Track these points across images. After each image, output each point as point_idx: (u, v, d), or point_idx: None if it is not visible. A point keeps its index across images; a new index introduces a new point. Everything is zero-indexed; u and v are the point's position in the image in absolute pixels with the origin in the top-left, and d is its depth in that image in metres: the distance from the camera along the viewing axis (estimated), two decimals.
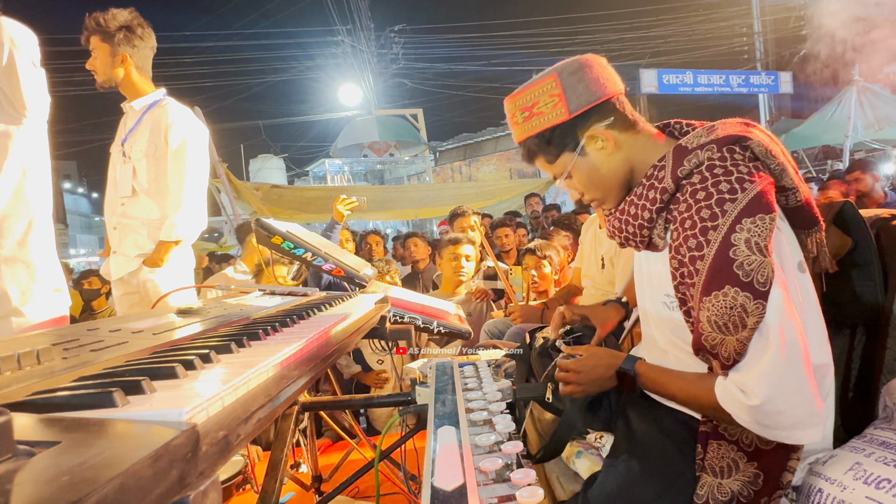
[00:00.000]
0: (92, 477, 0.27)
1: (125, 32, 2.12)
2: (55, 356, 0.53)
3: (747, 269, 0.80)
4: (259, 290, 1.42)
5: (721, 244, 0.82)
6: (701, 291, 0.84)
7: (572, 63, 0.99)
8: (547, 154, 1.03)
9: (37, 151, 1.62)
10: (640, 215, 0.97)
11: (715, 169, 0.87)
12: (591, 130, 0.98)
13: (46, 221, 1.65)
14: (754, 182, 0.85)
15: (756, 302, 0.79)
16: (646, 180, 0.97)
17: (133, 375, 0.45)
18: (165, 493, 0.32)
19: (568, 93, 0.97)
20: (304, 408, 1.35)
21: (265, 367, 0.55)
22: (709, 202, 0.85)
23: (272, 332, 0.75)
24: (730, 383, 0.83)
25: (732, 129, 0.93)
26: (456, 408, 0.81)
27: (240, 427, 0.44)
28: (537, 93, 0.99)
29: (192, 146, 2.14)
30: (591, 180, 1.03)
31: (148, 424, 0.36)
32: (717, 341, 0.83)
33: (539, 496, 0.50)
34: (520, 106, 1.02)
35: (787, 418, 0.80)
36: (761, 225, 0.81)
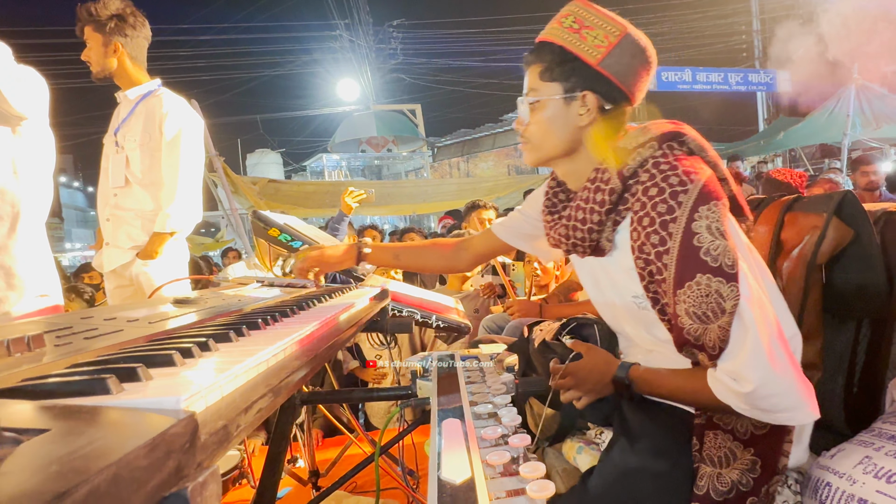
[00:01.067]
0: (82, 467, 0.25)
1: (116, 21, 2.09)
2: (47, 343, 0.50)
3: (714, 255, 0.82)
4: (257, 282, 1.40)
5: (684, 234, 0.84)
6: (674, 285, 0.85)
7: (642, 41, 0.97)
8: (548, 69, 0.99)
9: (31, 151, 1.58)
10: (588, 219, 0.97)
11: (661, 165, 0.89)
12: (592, 95, 0.96)
13: (35, 224, 1.60)
14: (698, 173, 0.88)
15: (730, 285, 0.81)
16: (590, 184, 0.97)
17: (128, 362, 0.43)
18: (162, 484, 0.30)
19: (615, 51, 0.94)
20: (303, 401, 1.33)
21: (265, 355, 0.53)
22: (663, 196, 0.86)
23: (272, 322, 0.73)
24: (721, 374, 0.84)
25: (665, 126, 0.96)
26: (460, 401, 0.79)
27: (240, 417, 0.42)
28: (602, 24, 0.95)
29: (187, 137, 2.11)
30: (547, 124, 1.00)
31: (143, 412, 0.34)
32: (700, 332, 0.84)
33: (549, 490, 0.48)
34: (580, 15, 0.97)
35: (785, 399, 0.80)
36: (716, 210, 0.84)
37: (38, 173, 1.60)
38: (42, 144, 1.62)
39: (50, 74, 1.82)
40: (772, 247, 1.23)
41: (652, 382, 0.97)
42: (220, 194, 8.50)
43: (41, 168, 1.62)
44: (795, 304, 1.15)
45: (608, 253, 0.99)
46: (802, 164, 11.42)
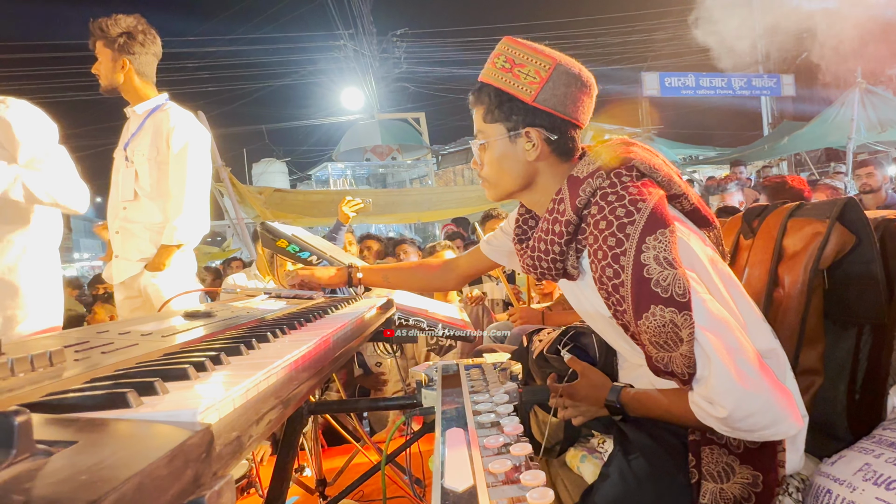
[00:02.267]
0: (110, 476, 0.27)
1: (126, 38, 2.13)
2: (67, 358, 0.53)
3: (664, 285, 0.82)
4: (265, 294, 1.42)
5: (633, 267, 0.84)
6: (633, 316, 0.86)
7: (574, 67, 0.99)
8: (488, 111, 1.01)
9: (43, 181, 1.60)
10: (550, 250, 0.98)
11: (608, 196, 0.90)
12: (535, 130, 0.98)
13: (46, 249, 1.63)
14: (646, 200, 0.88)
15: (683, 314, 0.81)
16: (548, 214, 0.99)
17: (145, 377, 0.45)
18: (181, 492, 0.32)
19: (548, 84, 0.96)
20: (310, 410, 1.35)
21: (274, 369, 0.55)
22: (611, 230, 0.87)
23: (280, 335, 0.75)
24: (697, 397, 0.85)
25: (616, 151, 0.96)
26: (463, 410, 0.81)
27: (251, 428, 0.44)
28: (532, 59, 0.97)
29: (194, 150, 2.14)
30: (498, 164, 1.02)
31: (162, 425, 0.36)
32: (667, 360, 0.85)
33: (549, 498, 0.50)
34: (510, 54, 0.99)
35: (763, 417, 0.81)
36: (663, 239, 0.84)
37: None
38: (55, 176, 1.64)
39: (60, 86, 1.86)
40: (774, 253, 1.24)
41: (643, 404, 0.98)
42: (227, 204, 8.56)
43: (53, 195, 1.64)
44: (798, 309, 1.16)
45: (578, 278, 1.00)
46: (807, 169, 11.38)
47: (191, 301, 2.17)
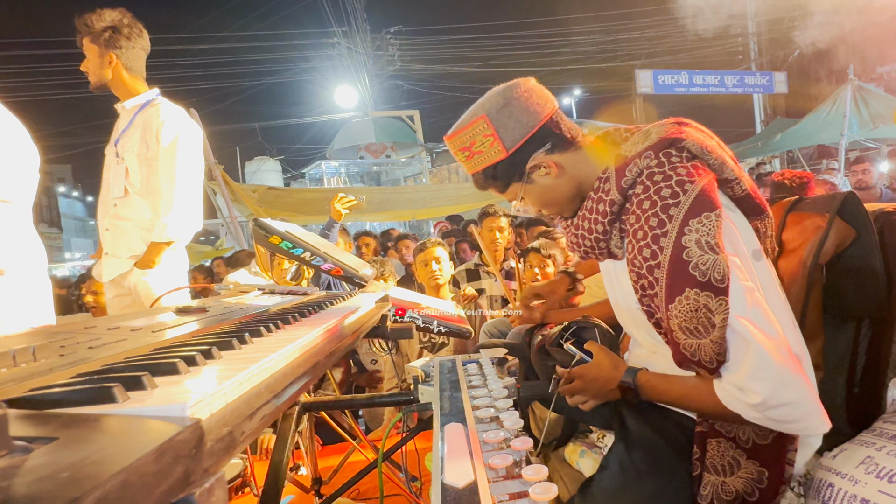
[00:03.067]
0: (93, 473, 0.26)
1: (111, 33, 2.09)
2: (52, 353, 0.51)
3: (703, 269, 0.81)
4: (258, 290, 1.40)
5: (673, 249, 0.83)
6: (665, 300, 0.85)
7: (497, 98, 0.99)
8: (496, 186, 1.05)
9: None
10: (593, 229, 0.98)
11: (655, 176, 0.89)
12: (533, 160, 0.99)
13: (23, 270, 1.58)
14: (694, 182, 0.86)
15: (718, 299, 0.80)
16: (594, 193, 0.98)
17: (133, 371, 0.43)
18: (170, 490, 0.31)
19: (501, 131, 0.97)
20: (304, 408, 1.33)
21: (268, 363, 0.54)
22: (654, 210, 0.86)
23: (274, 329, 0.73)
24: (727, 384, 0.83)
25: (666, 130, 0.95)
26: (462, 405, 0.80)
27: (244, 423, 0.43)
28: (471, 134, 1.00)
29: (184, 145, 2.10)
30: (544, 201, 1.05)
31: (150, 420, 0.35)
32: (695, 347, 0.83)
33: (552, 492, 0.48)
34: (458, 146, 1.03)
35: (796, 410, 0.80)
36: (707, 223, 0.83)
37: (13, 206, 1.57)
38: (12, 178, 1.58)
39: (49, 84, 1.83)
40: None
41: (658, 388, 0.96)
42: (220, 202, 8.50)
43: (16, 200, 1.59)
44: (797, 304, 1.15)
45: (622, 258, 0.99)
46: (800, 165, 11.44)
47: (182, 298, 2.14)
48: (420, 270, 2.90)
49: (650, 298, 0.89)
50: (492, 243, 3.22)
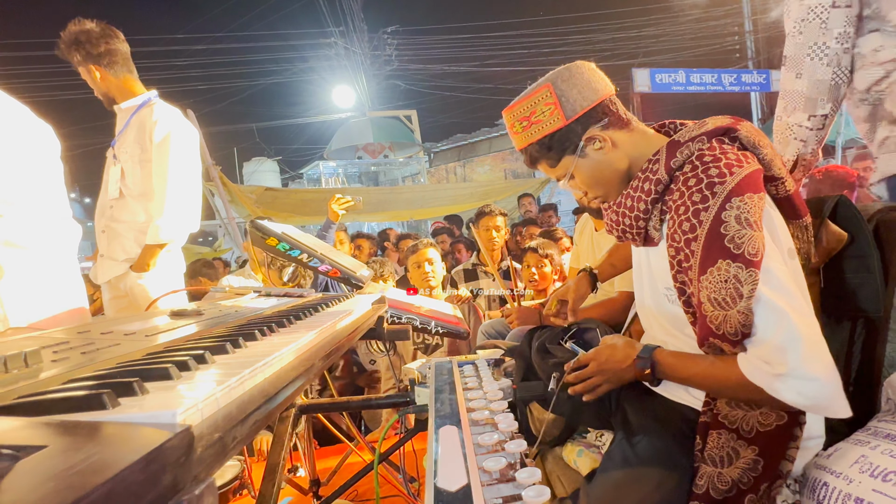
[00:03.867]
0: (79, 483, 0.26)
1: (76, 48, 2.07)
2: (44, 359, 0.51)
3: (738, 242, 0.84)
4: (254, 292, 1.40)
5: (713, 222, 0.86)
6: (698, 272, 0.88)
7: (564, 71, 1.03)
8: (549, 159, 1.07)
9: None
10: (635, 207, 1.01)
11: (705, 157, 0.92)
12: (589, 132, 1.02)
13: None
14: (742, 167, 0.90)
15: (748, 271, 0.83)
16: (641, 173, 1.01)
17: (124, 377, 0.43)
18: (158, 498, 0.31)
19: (563, 100, 1.01)
20: (301, 410, 1.33)
21: (261, 367, 0.54)
22: (699, 186, 0.89)
23: (268, 333, 0.73)
24: (752, 357, 0.85)
25: (722, 121, 0.98)
26: (457, 407, 0.80)
27: (235, 429, 0.43)
28: (534, 102, 1.03)
29: (177, 143, 2.07)
30: (594, 179, 1.07)
31: (140, 427, 0.35)
32: (721, 319, 0.85)
33: (545, 496, 0.48)
34: (518, 116, 1.05)
35: (823, 388, 0.80)
36: (749, 202, 0.86)
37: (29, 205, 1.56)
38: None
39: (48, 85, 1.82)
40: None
41: (676, 365, 0.97)
42: (217, 203, 8.49)
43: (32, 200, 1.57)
44: None
45: (657, 243, 1.02)
46: None
47: (179, 301, 2.14)
48: (413, 272, 2.90)
49: (685, 273, 0.91)
50: (489, 242, 3.22)
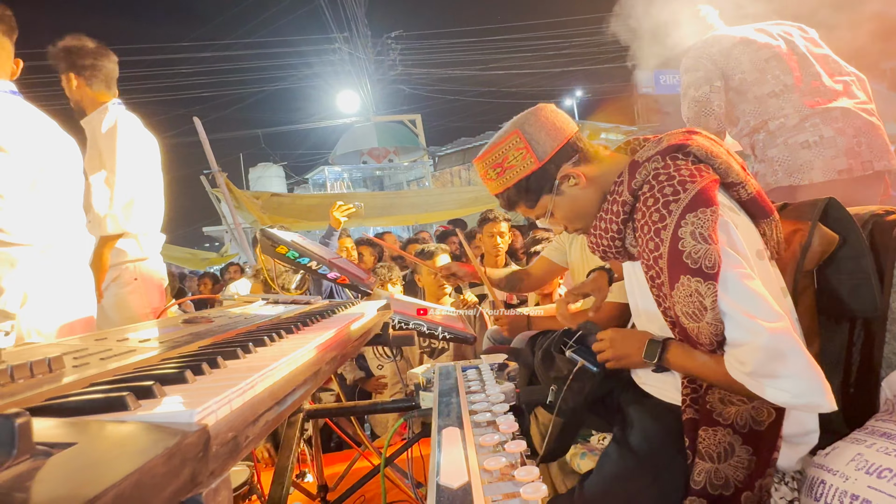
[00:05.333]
0: (109, 474, 0.28)
1: (64, 53, 2.08)
2: (66, 364, 0.54)
3: (695, 257, 0.89)
4: (262, 300, 1.43)
5: (671, 240, 0.91)
6: (669, 287, 0.93)
7: (528, 116, 1.09)
8: (527, 200, 1.13)
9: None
10: (609, 228, 1.06)
11: (660, 176, 0.97)
12: (563, 170, 1.08)
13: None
14: (695, 182, 0.94)
15: (707, 283, 0.88)
16: (609, 196, 1.06)
17: (143, 381, 0.46)
18: (178, 490, 0.33)
19: (533, 143, 1.07)
20: (308, 415, 1.36)
21: (271, 371, 0.56)
22: (657, 206, 0.94)
23: (277, 339, 0.76)
24: (729, 357, 0.90)
25: (675, 138, 1.03)
26: (460, 409, 0.82)
27: (248, 429, 0.45)
28: (504, 149, 1.09)
29: (123, 133, 2.02)
30: (573, 213, 1.12)
31: (159, 426, 0.37)
32: (697, 331, 0.91)
33: (542, 492, 0.51)
34: (490, 164, 1.11)
35: (797, 383, 0.83)
36: (703, 217, 0.90)
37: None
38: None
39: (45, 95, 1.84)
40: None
41: (683, 355, 1.00)
42: (224, 209, 8.56)
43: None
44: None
45: (638, 258, 1.05)
46: None
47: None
48: (426, 278, 2.92)
49: (658, 289, 0.96)
50: (493, 248, 3.24)
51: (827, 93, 2.01)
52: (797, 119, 1.98)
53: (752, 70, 2.04)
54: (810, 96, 2.00)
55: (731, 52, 2.07)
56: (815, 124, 1.96)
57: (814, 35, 2.16)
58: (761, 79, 2.03)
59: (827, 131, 1.94)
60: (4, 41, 1.51)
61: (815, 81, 2.01)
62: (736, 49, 2.07)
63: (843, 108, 1.97)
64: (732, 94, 2.11)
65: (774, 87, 2.02)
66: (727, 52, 2.07)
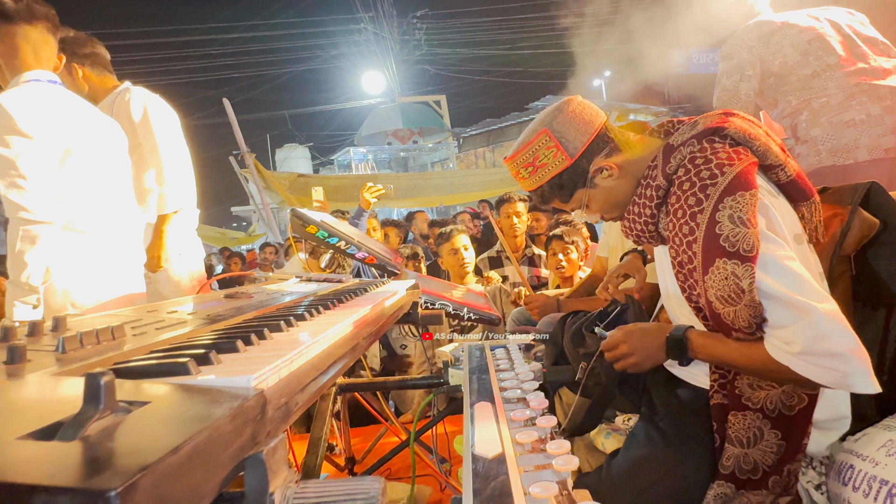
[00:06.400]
0: (184, 428, 0.31)
1: (61, 46, 1.97)
2: (126, 333, 0.57)
3: (732, 241, 0.87)
4: (296, 278, 1.47)
5: (708, 224, 0.90)
6: (701, 272, 0.91)
7: (556, 113, 1.08)
8: (561, 196, 1.13)
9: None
10: (643, 213, 1.05)
11: (696, 160, 0.95)
12: (595, 164, 1.08)
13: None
14: (733, 165, 0.92)
15: (744, 266, 0.86)
16: (643, 181, 1.05)
17: (200, 349, 0.49)
18: (242, 447, 0.36)
19: (563, 140, 1.06)
20: (341, 388, 1.40)
21: (314, 343, 0.59)
22: (693, 190, 0.93)
23: (316, 314, 0.79)
24: (773, 339, 0.88)
25: (712, 121, 1.01)
26: (490, 386, 0.84)
27: (297, 396, 0.48)
28: (535, 148, 1.08)
29: (156, 116, 2.06)
30: (608, 204, 1.13)
31: (221, 390, 0.40)
32: (733, 315, 0.89)
33: (574, 464, 0.52)
34: (522, 164, 1.11)
35: (845, 362, 0.82)
36: (741, 201, 0.89)
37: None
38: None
39: None
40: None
41: (708, 345, 0.99)
42: (252, 189, 8.71)
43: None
44: None
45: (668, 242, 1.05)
46: None
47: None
48: (448, 259, 2.95)
49: (688, 275, 0.95)
50: (510, 229, 3.25)
51: (875, 72, 1.94)
52: (842, 97, 1.93)
53: (793, 53, 2.00)
54: (856, 75, 1.94)
55: (772, 38, 2.03)
56: (861, 102, 1.91)
57: (861, 18, 2.10)
58: (803, 61, 1.99)
59: (874, 109, 1.89)
60: (49, 38, 1.62)
61: (861, 61, 1.96)
62: (777, 34, 2.03)
63: (892, 87, 1.91)
64: (773, 79, 2.07)
65: (817, 66, 1.97)
66: (767, 38, 2.04)
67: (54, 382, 0.41)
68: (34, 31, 1.57)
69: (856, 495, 0.84)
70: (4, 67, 1.57)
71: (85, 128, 1.64)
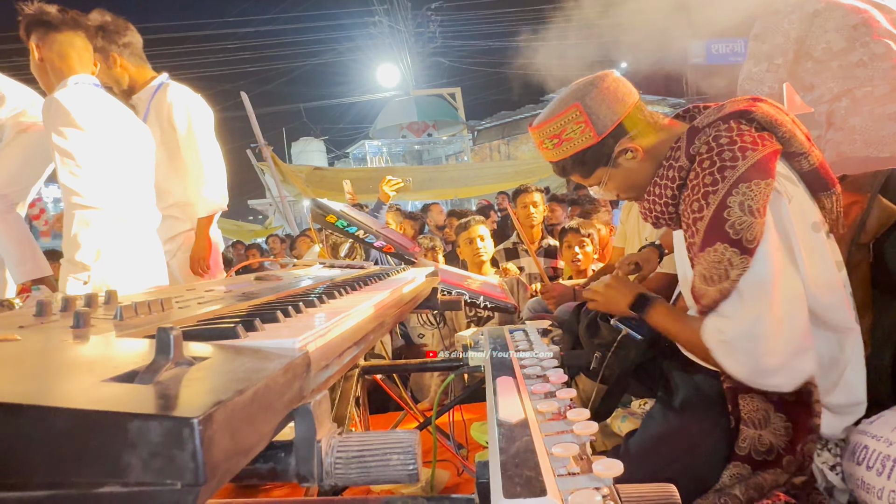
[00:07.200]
0: (245, 377, 0.35)
1: (102, 33, 2.08)
2: (174, 306, 0.62)
3: (737, 228, 0.88)
4: (319, 263, 1.51)
5: (717, 206, 0.90)
6: (698, 249, 0.93)
7: (590, 88, 1.06)
8: (582, 171, 1.12)
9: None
10: (663, 194, 1.05)
11: (721, 139, 0.95)
12: (620, 144, 1.06)
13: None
14: (756, 150, 0.92)
15: (742, 256, 0.87)
16: (665, 162, 1.04)
17: (245, 318, 0.53)
18: (292, 399, 0.40)
19: (593, 117, 1.04)
20: (364, 371, 1.45)
21: (347, 316, 0.63)
22: (712, 169, 0.93)
23: (344, 293, 0.83)
24: (710, 320, 0.92)
25: (739, 105, 1.00)
26: (511, 363, 0.88)
27: (335, 360, 0.52)
28: (563, 121, 1.06)
29: (198, 121, 2.14)
30: (627, 185, 1.12)
31: (270, 350, 0.44)
32: (702, 293, 0.91)
33: (593, 428, 0.55)
34: (547, 134, 1.09)
35: (761, 360, 0.86)
36: (756, 189, 0.88)
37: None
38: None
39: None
40: None
41: (665, 314, 1.05)
42: (269, 182, 8.81)
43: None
44: None
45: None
46: None
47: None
48: (465, 248, 2.98)
49: (690, 248, 0.96)
50: (527, 219, 3.27)
51: None
52: (887, 89, 1.87)
53: (838, 39, 1.90)
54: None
55: (815, 21, 1.94)
56: None
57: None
58: (849, 48, 1.90)
59: None
60: (89, 45, 1.77)
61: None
62: (820, 16, 1.93)
63: None
64: (811, 63, 1.99)
65: (863, 55, 1.89)
66: (809, 20, 1.94)
67: (120, 342, 0.45)
68: (78, 39, 1.73)
69: (869, 473, 0.86)
70: (52, 72, 1.70)
71: (124, 128, 1.77)
